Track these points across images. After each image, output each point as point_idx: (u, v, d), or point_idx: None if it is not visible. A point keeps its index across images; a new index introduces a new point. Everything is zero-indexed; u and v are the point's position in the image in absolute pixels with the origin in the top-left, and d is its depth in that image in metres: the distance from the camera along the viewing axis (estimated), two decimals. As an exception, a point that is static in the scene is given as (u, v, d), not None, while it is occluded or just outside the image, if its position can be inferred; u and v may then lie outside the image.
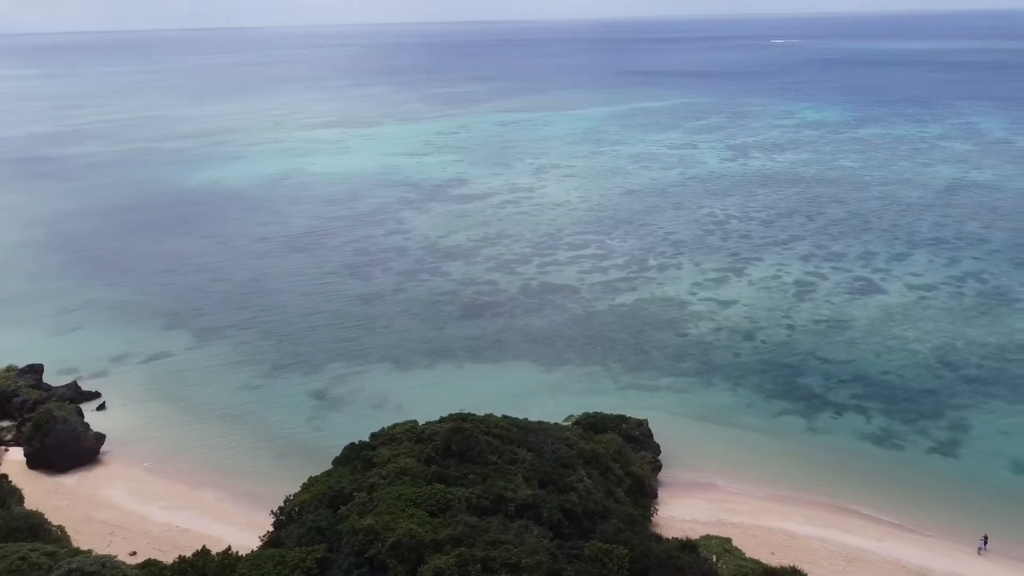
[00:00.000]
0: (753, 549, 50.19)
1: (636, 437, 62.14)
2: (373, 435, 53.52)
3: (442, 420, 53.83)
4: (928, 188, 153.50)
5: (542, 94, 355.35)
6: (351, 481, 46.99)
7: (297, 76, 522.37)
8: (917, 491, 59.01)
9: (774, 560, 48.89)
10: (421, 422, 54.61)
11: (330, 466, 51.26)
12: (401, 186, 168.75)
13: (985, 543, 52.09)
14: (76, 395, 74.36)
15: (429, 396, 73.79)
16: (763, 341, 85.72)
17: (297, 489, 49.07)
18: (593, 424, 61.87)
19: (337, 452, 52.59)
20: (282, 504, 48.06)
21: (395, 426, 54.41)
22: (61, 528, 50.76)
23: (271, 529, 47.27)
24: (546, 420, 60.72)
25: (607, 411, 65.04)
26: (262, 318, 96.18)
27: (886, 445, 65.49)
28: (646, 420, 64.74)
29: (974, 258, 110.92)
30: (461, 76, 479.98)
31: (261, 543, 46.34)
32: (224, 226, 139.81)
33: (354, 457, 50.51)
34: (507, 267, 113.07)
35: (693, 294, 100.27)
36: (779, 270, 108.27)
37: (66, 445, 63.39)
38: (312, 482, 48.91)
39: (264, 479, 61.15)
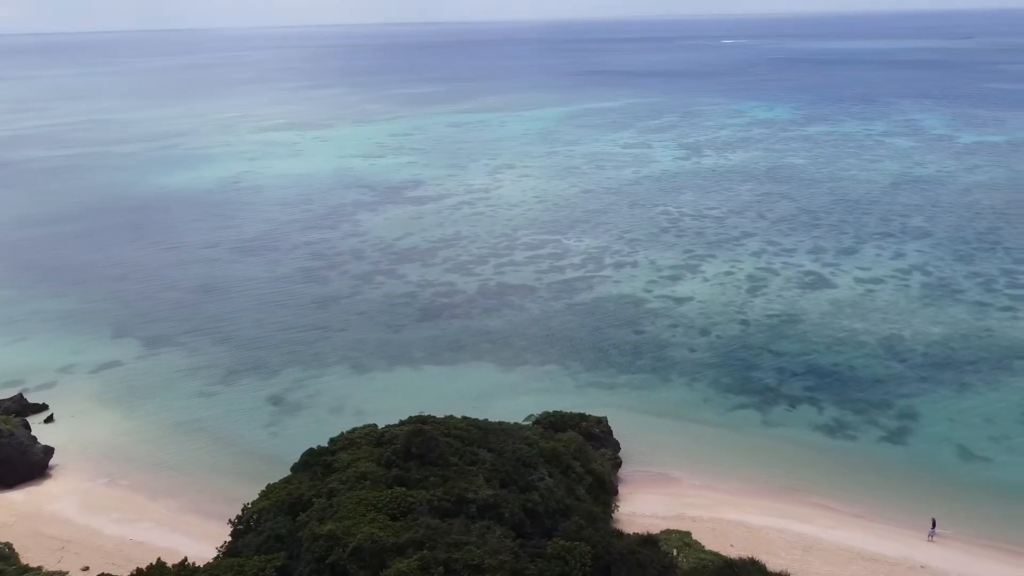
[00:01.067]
0: (712, 542, 50.86)
1: (596, 435, 62.53)
2: (332, 440, 52.96)
3: (402, 423, 53.52)
4: (874, 184, 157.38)
5: (497, 95, 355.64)
6: (310, 487, 46.45)
7: (249, 78, 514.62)
8: (869, 479, 60.45)
9: (733, 552, 49.58)
10: (380, 425, 54.19)
11: (289, 473, 50.60)
12: (356, 188, 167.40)
13: (934, 526, 53.65)
14: (22, 408, 72.05)
15: (388, 399, 73.31)
16: (718, 336, 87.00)
17: (255, 497, 48.31)
18: (553, 423, 62.10)
19: (296, 458, 51.90)
20: (240, 513, 47.27)
21: (354, 430, 53.91)
22: (8, 545, 49.24)
23: (229, 539, 46.46)
24: (506, 420, 60.76)
25: (567, 410, 65.36)
26: (215, 324, 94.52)
27: (838, 435, 66.99)
28: (605, 417, 65.21)
29: (919, 251, 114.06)
30: (415, 77, 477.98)
31: (219, 553, 45.54)
32: (174, 232, 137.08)
33: (313, 463, 49.94)
34: (464, 268, 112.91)
35: (649, 292, 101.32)
36: (732, 266, 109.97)
37: (12, 460, 61.46)
38: (270, 489, 48.20)
39: (221, 488, 60.10)
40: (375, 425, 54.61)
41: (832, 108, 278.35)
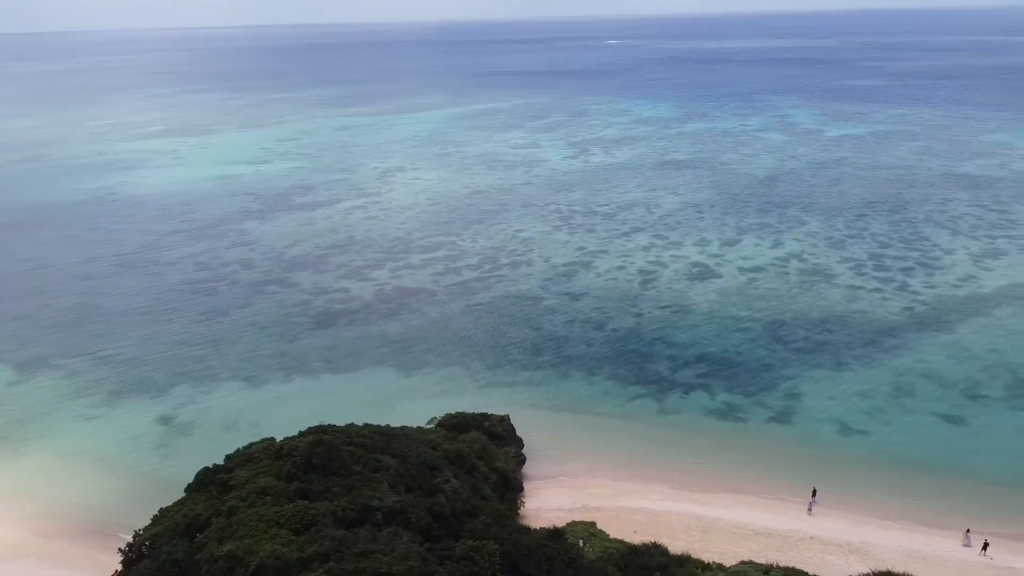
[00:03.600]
0: (616, 530, 52.24)
1: (499, 433, 63.00)
2: (228, 457, 51.19)
3: (301, 434, 52.27)
4: (752, 177, 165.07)
5: (385, 96, 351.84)
6: (207, 507, 44.75)
7: (122, 83, 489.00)
8: (761, 459, 63.49)
9: (636, 538, 51.09)
10: (279, 438, 52.76)
11: (183, 494, 48.56)
12: (241, 196, 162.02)
13: (814, 496, 56.94)
14: None
15: (286, 411, 71.48)
16: (613, 330, 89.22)
17: (147, 522, 46.14)
18: (456, 424, 62.17)
19: (190, 479, 49.88)
20: (131, 540, 45.02)
21: (251, 445, 52.28)
22: None
23: (120, 568, 44.18)
24: (409, 425, 60.43)
25: (469, 410, 65.70)
26: (95, 344, 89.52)
27: (730, 418, 70.03)
28: (508, 416, 65.80)
29: (795, 240, 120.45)
30: (301, 80, 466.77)
31: (110, 584, 43.26)
32: (46, 248, 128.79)
33: (208, 482, 48.11)
34: (359, 273, 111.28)
35: (545, 289, 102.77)
36: (624, 261, 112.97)
37: None
38: (164, 513, 46.16)
39: (109, 515, 57.15)
40: (273, 439, 53.12)
41: (710, 105, 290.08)
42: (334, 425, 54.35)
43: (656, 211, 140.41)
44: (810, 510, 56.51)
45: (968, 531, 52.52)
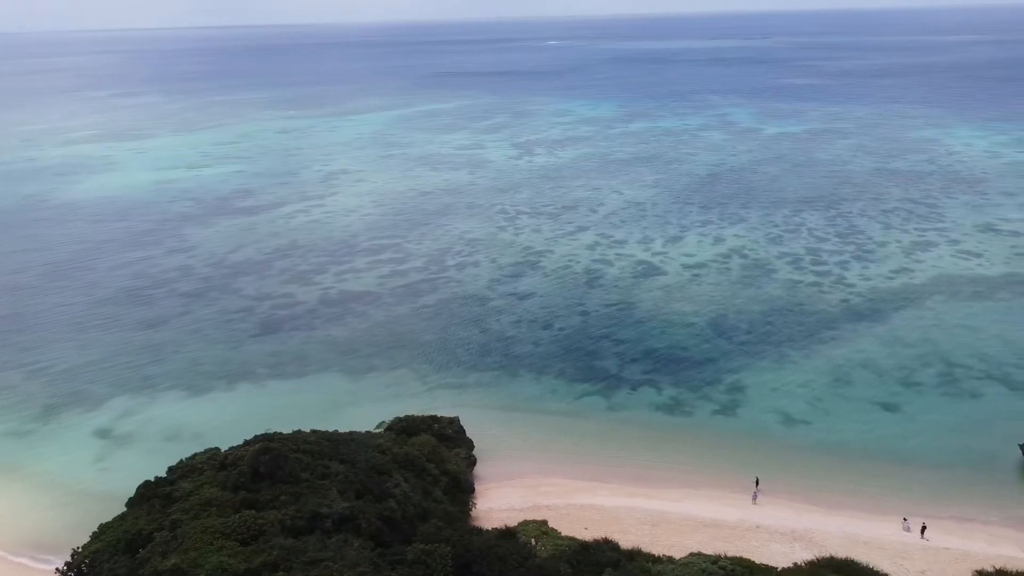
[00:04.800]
0: (568, 527, 52.53)
1: (449, 435, 62.81)
2: (171, 469, 49.94)
3: (247, 443, 51.30)
4: (693, 176, 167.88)
5: (327, 99, 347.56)
6: (149, 521, 43.56)
7: (53, 87, 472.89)
8: (707, 451, 64.59)
9: (587, 534, 51.47)
10: (224, 448, 51.70)
11: (124, 509, 47.16)
12: (180, 201, 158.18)
13: (757, 485, 58.24)
14: None
15: (230, 420, 70.02)
16: (561, 329, 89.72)
17: (87, 539, 44.69)
18: (406, 427, 61.76)
19: (130, 493, 48.45)
20: (69, 559, 43.56)
21: (195, 456, 51.11)
22: None
23: (58, 588, 42.72)
24: (357, 429, 59.83)
25: (418, 413, 65.37)
26: (27, 356, 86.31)
27: (677, 413, 71.08)
28: (457, 417, 65.71)
29: (736, 236, 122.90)
30: (241, 83, 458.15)
31: (48, 605, 41.76)
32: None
33: (150, 495, 46.82)
34: (303, 278, 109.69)
35: (492, 290, 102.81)
36: (569, 260, 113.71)
37: None
38: (104, 529, 44.78)
39: (47, 534, 55.17)
40: (218, 448, 52.04)
41: (652, 105, 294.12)
42: (281, 432, 53.50)
43: (600, 210, 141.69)
44: (754, 500, 57.73)
45: (906, 520, 54.25)
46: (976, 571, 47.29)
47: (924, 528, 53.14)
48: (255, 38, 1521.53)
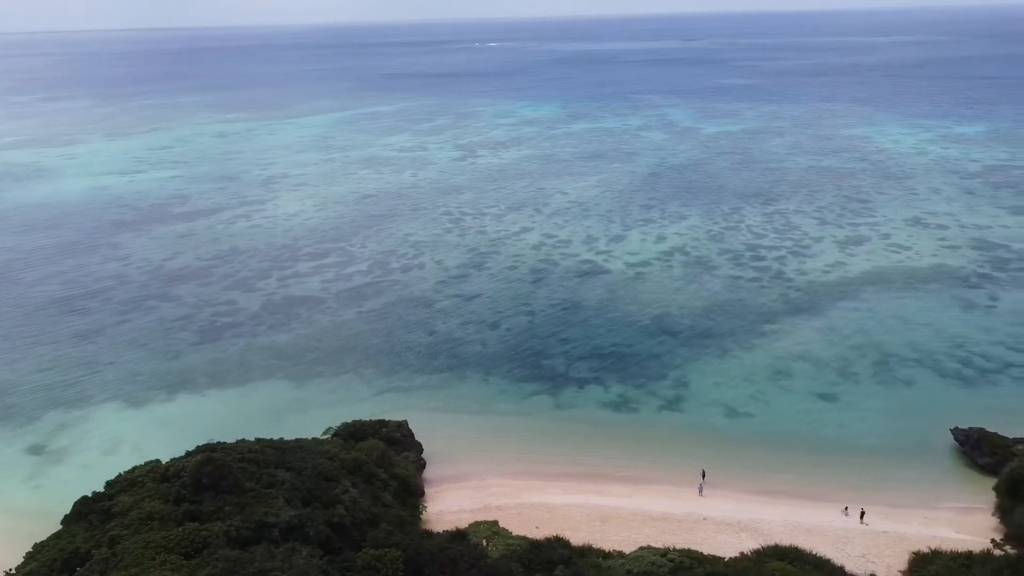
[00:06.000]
0: (519, 526, 52.62)
1: (398, 439, 62.38)
2: (109, 483, 48.42)
3: (189, 454, 50.10)
4: (635, 175, 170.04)
5: (266, 102, 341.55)
6: (87, 538, 42.17)
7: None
8: (654, 446, 65.45)
9: (539, 533, 51.66)
10: (165, 460, 50.36)
11: (59, 527, 45.55)
12: (113, 208, 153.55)
13: (704, 477, 59.32)
14: None
15: (171, 431, 68.34)
16: (508, 329, 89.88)
17: (20, 560, 43.02)
18: (353, 433, 61.11)
19: (67, 510, 46.80)
20: (2, 581, 41.94)
21: (134, 469, 49.65)
22: None
23: (-9, 611, 41.08)
24: (304, 436, 58.94)
25: (366, 418, 64.77)
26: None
27: (623, 410, 71.86)
28: (406, 421, 65.30)
29: (677, 234, 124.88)
30: (177, 86, 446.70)
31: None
32: None
33: (88, 511, 45.33)
34: (245, 284, 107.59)
35: (438, 292, 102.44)
36: (515, 261, 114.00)
37: None
38: (38, 548, 43.18)
39: (-24, 556, 52.79)
40: (159, 460, 50.66)
41: (593, 106, 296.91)
42: (224, 442, 52.42)
43: (544, 210, 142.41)
44: (701, 492, 58.72)
45: (847, 508, 55.87)
46: (912, 552, 48.95)
47: (863, 514, 54.79)
48: (191, 40, 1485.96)
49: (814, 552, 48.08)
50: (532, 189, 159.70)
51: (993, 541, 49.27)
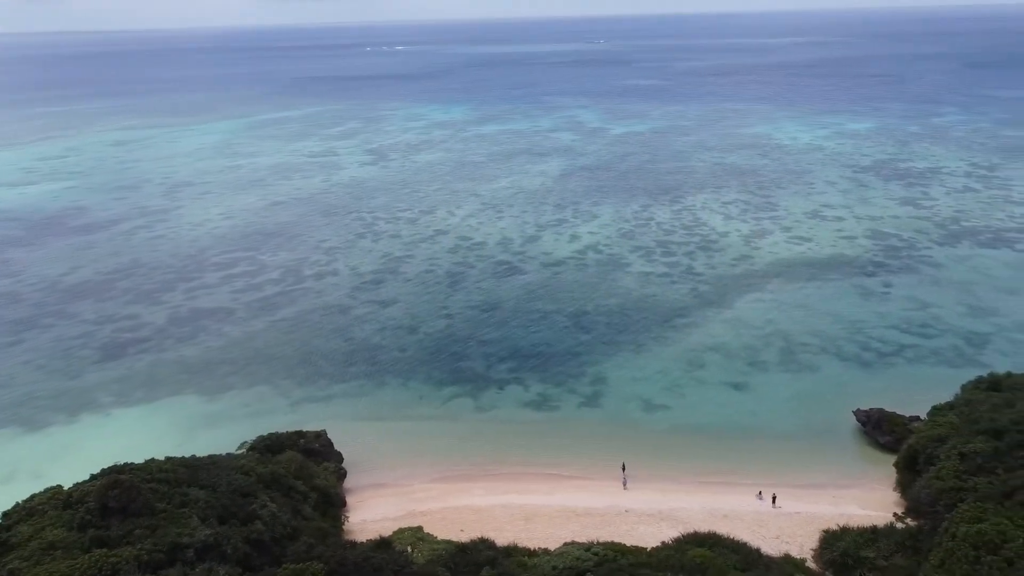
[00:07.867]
0: (444, 530, 52.34)
1: (316, 450, 61.12)
2: (5, 514, 45.60)
3: (94, 478, 47.67)
4: (547, 176, 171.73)
5: (166, 108, 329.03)
6: (-17, 573, 39.61)
7: None
8: (575, 443, 66.21)
9: (464, 535, 51.45)
10: (68, 486, 47.77)
11: (-48, 563, 42.63)
12: (1, 223, 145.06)
13: (624, 470, 60.43)
14: None
15: (74, 454, 64.98)
16: (426, 333, 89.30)
17: (-92, 601, 40.06)
18: (270, 446, 59.50)
19: (-41, 544, 43.85)
20: None
21: (33, 497, 46.92)
22: None
23: None
24: (217, 452, 57.01)
25: (282, 429, 63.17)
26: None
27: (544, 408, 72.46)
28: (324, 431, 64.05)
29: (590, 233, 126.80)
30: (70, 93, 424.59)
31: None
32: None
33: (-17, 545, 42.58)
34: (149, 297, 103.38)
35: (354, 298, 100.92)
36: (431, 264, 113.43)
37: None
38: (-72, 588, 40.27)
39: None
40: (60, 486, 47.99)
41: (502, 108, 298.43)
42: (132, 463, 50.08)
43: (458, 213, 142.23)
44: (625, 485, 59.74)
45: (760, 492, 57.86)
46: (823, 530, 51.05)
47: (775, 497, 56.85)
48: (85, 45, 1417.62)
49: (732, 536, 49.53)
50: (445, 192, 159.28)
51: (895, 515, 51.83)
